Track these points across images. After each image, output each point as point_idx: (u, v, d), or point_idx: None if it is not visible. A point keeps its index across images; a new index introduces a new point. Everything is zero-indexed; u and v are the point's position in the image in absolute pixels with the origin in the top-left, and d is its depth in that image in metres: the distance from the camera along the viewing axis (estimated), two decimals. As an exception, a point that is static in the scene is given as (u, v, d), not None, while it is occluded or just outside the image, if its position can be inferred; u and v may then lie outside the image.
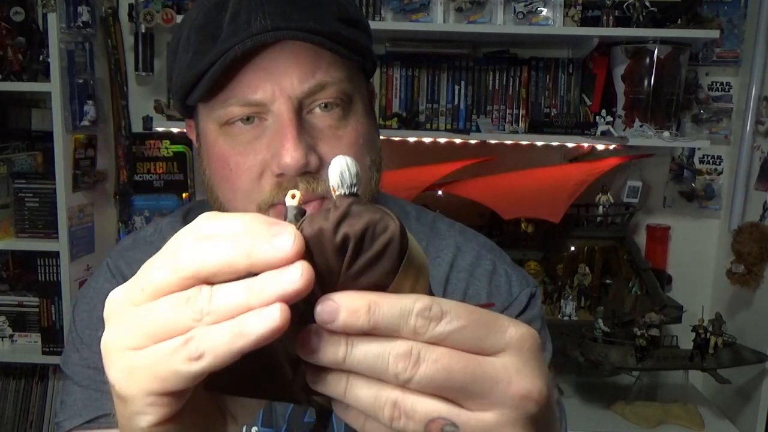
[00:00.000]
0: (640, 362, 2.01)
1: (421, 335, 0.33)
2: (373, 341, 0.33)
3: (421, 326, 0.33)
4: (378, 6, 2.24)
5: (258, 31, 0.67)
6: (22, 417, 2.41)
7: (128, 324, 0.35)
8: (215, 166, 0.75)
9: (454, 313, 0.33)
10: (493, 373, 0.34)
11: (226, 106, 0.71)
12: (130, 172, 2.39)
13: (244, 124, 0.72)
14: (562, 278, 2.30)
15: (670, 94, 2.24)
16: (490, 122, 2.33)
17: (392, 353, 0.33)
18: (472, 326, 0.34)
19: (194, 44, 0.71)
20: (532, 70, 2.34)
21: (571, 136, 2.23)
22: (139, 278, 0.35)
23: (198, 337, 0.33)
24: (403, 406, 0.33)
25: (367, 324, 0.33)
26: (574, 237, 2.31)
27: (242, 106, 0.71)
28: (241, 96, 0.70)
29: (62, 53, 2.10)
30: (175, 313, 0.33)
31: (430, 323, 0.33)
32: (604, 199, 2.29)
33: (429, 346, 0.33)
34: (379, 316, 0.33)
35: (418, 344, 0.33)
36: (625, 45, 2.23)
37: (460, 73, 2.35)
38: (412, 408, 0.33)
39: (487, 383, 0.34)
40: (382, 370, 0.33)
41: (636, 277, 2.27)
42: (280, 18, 0.68)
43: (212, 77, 0.68)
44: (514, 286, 0.87)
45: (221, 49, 0.68)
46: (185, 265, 0.33)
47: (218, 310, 0.32)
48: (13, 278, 2.43)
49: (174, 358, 0.33)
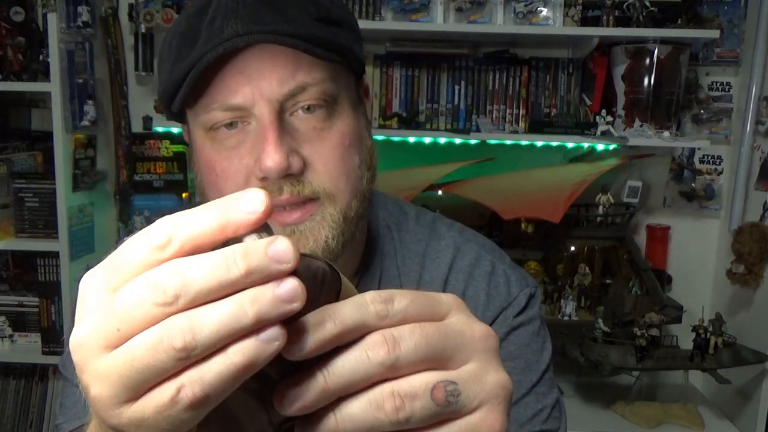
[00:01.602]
0: (640, 362, 2.01)
1: (384, 318, 0.34)
2: (345, 353, 0.33)
3: (381, 309, 0.34)
4: (378, 6, 2.24)
5: (229, 36, 0.67)
6: (22, 417, 2.41)
7: (109, 378, 0.31)
8: (204, 171, 0.75)
9: (398, 293, 0.35)
10: (456, 327, 0.36)
11: (208, 111, 0.71)
12: (130, 172, 2.39)
13: (228, 129, 0.72)
14: (562, 278, 2.30)
15: (670, 94, 2.24)
16: (490, 122, 2.33)
17: (368, 349, 0.33)
18: (418, 300, 0.35)
19: (175, 50, 0.72)
20: (532, 70, 2.34)
21: (571, 136, 2.24)
22: (113, 261, 0.32)
23: (191, 383, 0.30)
24: (400, 390, 0.33)
25: (336, 328, 0.32)
26: (574, 237, 2.31)
27: (224, 111, 0.70)
28: (222, 101, 0.70)
29: (62, 53, 2.10)
30: (155, 358, 0.30)
31: (387, 305, 0.34)
32: (604, 199, 2.29)
33: (398, 329, 0.34)
34: (344, 317, 0.33)
35: (387, 330, 0.34)
36: (625, 45, 2.23)
37: (460, 73, 2.35)
38: (410, 387, 0.34)
39: (457, 337, 0.35)
40: (367, 369, 0.33)
41: (636, 277, 2.27)
42: (252, 22, 0.67)
43: (189, 83, 0.69)
44: (513, 286, 0.87)
45: (196, 56, 0.68)
46: (162, 238, 0.31)
47: (205, 343, 0.30)
48: (13, 278, 2.43)
49: (169, 414, 0.31)
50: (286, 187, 0.70)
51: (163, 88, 0.74)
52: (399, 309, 0.34)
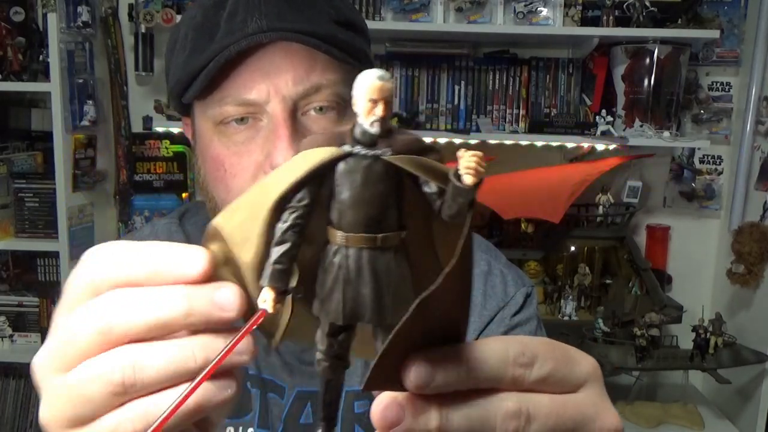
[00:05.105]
0: (640, 362, 2.01)
1: (521, 384, 0.31)
2: (473, 402, 0.31)
3: (519, 376, 0.31)
4: (378, 6, 2.23)
5: (253, 32, 0.67)
6: (22, 417, 2.41)
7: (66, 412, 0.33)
8: (210, 165, 0.75)
9: (542, 354, 0.32)
10: (585, 411, 0.33)
11: (221, 105, 0.71)
12: (130, 172, 2.39)
13: (238, 125, 0.72)
14: (562, 278, 2.30)
15: (670, 94, 2.23)
16: (490, 122, 2.33)
17: (500, 414, 0.31)
18: (558, 366, 0.33)
19: (191, 42, 0.72)
20: (532, 70, 2.34)
21: (571, 136, 2.23)
22: (59, 342, 0.34)
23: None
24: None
25: (465, 379, 0.30)
26: (574, 237, 2.31)
27: (237, 106, 0.70)
28: (236, 95, 0.70)
29: (62, 53, 2.10)
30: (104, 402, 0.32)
31: (526, 370, 0.31)
32: (604, 199, 2.29)
33: (535, 400, 0.31)
34: (479, 371, 0.30)
35: (524, 398, 0.31)
36: (625, 45, 2.23)
37: (460, 73, 2.35)
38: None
39: (584, 424, 0.33)
40: (491, 428, 0.30)
41: (636, 277, 2.27)
42: (276, 19, 0.68)
43: (207, 76, 0.69)
44: (510, 286, 0.87)
45: (217, 48, 0.68)
46: (108, 325, 0.32)
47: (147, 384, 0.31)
48: (13, 278, 2.43)
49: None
50: None
51: (176, 79, 0.74)
52: (537, 378, 0.32)
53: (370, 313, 0.31)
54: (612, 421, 0.34)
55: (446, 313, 0.30)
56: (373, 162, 0.30)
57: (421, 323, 0.29)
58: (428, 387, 0.29)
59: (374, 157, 0.30)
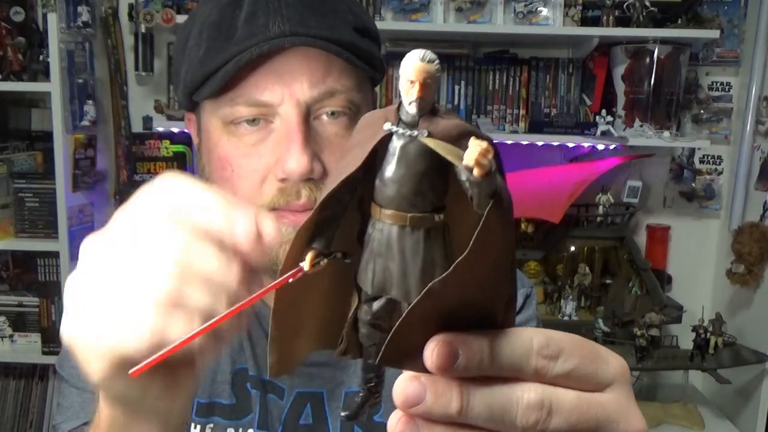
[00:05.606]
0: (640, 362, 2.01)
1: (543, 376, 0.31)
2: (495, 388, 0.30)
3: (543, 367, 0.31)
4: (378, 6, 2.24)
5: (276, 35, 0.67)
6: (22, 417, 2.41)
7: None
8: (216, 165, 0.74)
9: (568, 348, 0.32)
10: (611, 411, 0.33)
11: (233, 105, 0.71)
12: (130, 172, 2.39)
13: (249, 126, 0.71)
14: (562, 278, 2.30)
15: (670, 94, 2.23)
16: (490, 122, 2.32)
17: (521, 403, 0.30)
18: (584, 362, 0.32)
19: (207, 40, 0.71)
20: (532, 70, 2.34)
21: (571, 136, 2.23)
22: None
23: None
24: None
25: (486, 366, 0.30)
26: (574, 237, 2.31)
27: (250, 107, 0.70)
28: (249, 96, 0.70)
29: (62, 53, 2.10)
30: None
31: (550, 362, 0.31)
32: (604, 199, 2.29)
33: (558, 394, 0.31)
34: (501, 359, 0.30)
35: (547, 391, 0.31)
36: (625, 45, 2.23)
37: (460, 73, 2.34)
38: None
39: (608, 425, 0.33)
40: (510, 419, 0.30)
41: (636, 277, 2.27)
42: (298, 23, 0.68)
43: (225, 76, 0.68)
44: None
45: (236, 49, 0.68)
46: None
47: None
48: (13, 278, 2.43)
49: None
50: (305, 191, 0.70)
51: (190, 76, 0.73)
52: (561, 371, 0.31)
53: (395, 289, 0.31)
54: (637, 425, 0.34)
55: (473, 300, 0.30)
56: (410, 142, 0.30)
57: (434, 308, 0.29)
58: (450, 368, 0.29)
59: (410, 137, 0.30)
